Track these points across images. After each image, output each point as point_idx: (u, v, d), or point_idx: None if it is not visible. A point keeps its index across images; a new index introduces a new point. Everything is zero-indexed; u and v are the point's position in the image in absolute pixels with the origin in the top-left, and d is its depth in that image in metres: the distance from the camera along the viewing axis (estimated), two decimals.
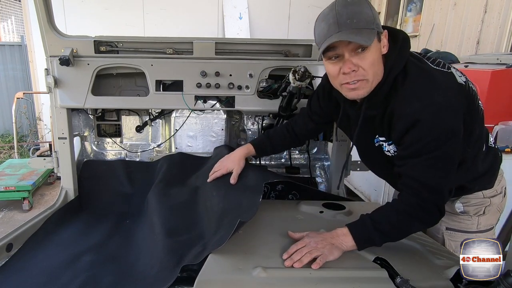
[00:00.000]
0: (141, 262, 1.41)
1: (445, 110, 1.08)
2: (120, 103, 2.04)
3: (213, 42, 1.89)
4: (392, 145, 1.25)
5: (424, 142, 1.10)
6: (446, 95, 1.10)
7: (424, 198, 1.14)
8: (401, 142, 1.17)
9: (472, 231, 1.40)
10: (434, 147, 1.10)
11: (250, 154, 1.69)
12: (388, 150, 1.27)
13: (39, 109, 6.03)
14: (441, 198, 1.15)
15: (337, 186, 1.98)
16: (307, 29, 5.75)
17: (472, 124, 1.20)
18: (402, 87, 1.15)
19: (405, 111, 1.12)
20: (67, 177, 2.02)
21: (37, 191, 4.46)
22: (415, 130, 1.10)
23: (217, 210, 1.48)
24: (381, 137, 1.28)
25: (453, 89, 1.13)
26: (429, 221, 1.20)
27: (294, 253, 1.14)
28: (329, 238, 1.18)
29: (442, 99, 1.09)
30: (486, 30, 3.56)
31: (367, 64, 1.11)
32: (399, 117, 1.14)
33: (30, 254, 1.54)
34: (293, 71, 1.67)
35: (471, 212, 1.39)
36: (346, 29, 1.06)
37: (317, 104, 1.57)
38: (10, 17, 10.32)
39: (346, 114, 1.38)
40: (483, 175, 1.34)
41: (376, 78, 1.16)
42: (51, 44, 1.83)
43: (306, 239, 1.19)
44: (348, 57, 1.11)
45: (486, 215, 1.39)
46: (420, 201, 1.14)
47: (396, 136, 1.18)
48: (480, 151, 1.31)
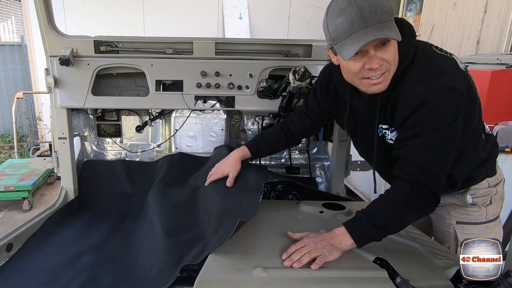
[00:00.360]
0: (141, 262, 1.41)
1: (451, 92, 1.09)
2: (120, 103, 2.04)
3: (213, 42, 1.89)
4: (394, 132, 1.25)
5: (428, 123, 1.10)
6: (451, 79, 1.10)
7: (418, 183, 1.12)
8: (404, 125, 1.16)
9: (482, 221, 1.42)
10: (436, 128, 1.10)
11: (245, 156, 1.67)
12: (390, 138, 1.27)
13: (39, 109, 6.03)
14: (436, 183, 1.14)
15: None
16: (307, 29, 5.81)
17: (471, 111, 1.21)
18: (408, 72, 1.15)
19: (412, 93, 1.12)
20: (67, 177, 2.02)
21: (37, 191, 4.46)
22: (420, 111, 1.10)
23: (217, 210, 1.48)
24: (384, 125, 1.27)
25: (457, 74, 1.14)
26: (425, 208, 1.18)
27: (293, 253, 1.14)
28: (328, 238, 1.17)
29: (448, 82, 1.09)
30: (486, 30, 3.56)
31: (391, 57, 1.11)
32: (406, 100, 1.14)
33: (30, 254, 1.54)
34: (293, 71, 1.67)
35: (479, 203, 1.40)
36: (372, 24, 1.02)
37: (314, 100, 1.56)
38: (10, 17, 10.32)
39: (353, 108, 1.36)
40: (485, 161, 1.36)
41: (394, 69, 1.16)
42: (51, 44, 1.83)
43: (305, 240, 1.19)
44: (374, 53, 1.09)
45: (493, 204, 1.42)
46: (414, 188, 1.13)
47: (400, 120, 1.17)
48: (481, 139, 1.32)
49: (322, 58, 1.92)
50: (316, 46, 1.92)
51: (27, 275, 1.39)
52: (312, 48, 1.93)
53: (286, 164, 2.36)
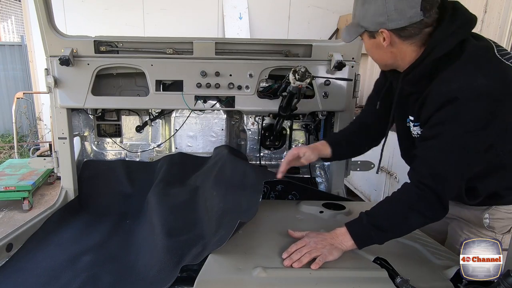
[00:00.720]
0: (141, 262, 1.41)
1: (486, 98, 1.00)
2: (120, 103, 2.04)
3: (213, 42, 1.89)
4: (417, 127, 1.22)
5: (450, 124, 1.04)
6: (492, 85, 1.01)
7: (425, 186, 1.07)
8: (427, 122, 1.11)
9: None
10: (458, 132, 1.04)
11: (323, 152, 1.52)
12: (414, 132, 1.24)
13: (39, 109, 6.04)
14: (444, 189, 1.07)
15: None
16: (307, 29, 5.80)
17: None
18: (448, 67, 1.08)
19: (443, 89, 1.06)
20: (67, 177, 2.02)
21: (37, 191, 4.46)
22: (446, 109, 1.04)
23: (217, 210, 1.48)
24: (411, 116, 1.25)
25: (503, 81, 1.03)
26: (428, 214, 1.10)
27: (294, 252, 1.14)
28: (329, 238, 1.17)
29: (486, 87, 1.00)
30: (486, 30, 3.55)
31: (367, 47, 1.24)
32: (435, 95, 1.08)
33: (30, 254, 1.54)
34: (293, 71, 1.67)
35: (496, 228, 1.29)
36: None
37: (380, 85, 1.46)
38: (10, 17, 10.32)
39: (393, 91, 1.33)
40: None
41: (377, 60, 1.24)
42: (51, 44, 1.83)
43: (306, 239, 1.18)
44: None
45: (510, 233, 1.30)
46: (419, 190, 1.08)
47: (425, 116, 1.12)
48: None
49: (322, 58, 1.92)
50: (316, 46, 1.92)
51: (27, 275, 1.39)
52: (312, 48, 1.93)
53: None
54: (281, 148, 2.36)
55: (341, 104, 1.97)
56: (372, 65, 5.63)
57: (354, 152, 1.66)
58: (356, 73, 1.94)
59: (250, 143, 2.34)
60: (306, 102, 1.94)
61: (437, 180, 1.07)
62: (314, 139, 2.32)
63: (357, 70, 1.95)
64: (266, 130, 2.30)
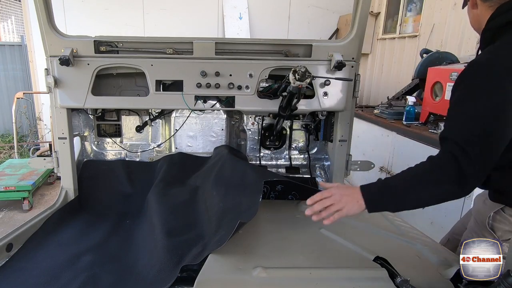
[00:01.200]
0: (141, 262, 1.41)
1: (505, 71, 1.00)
2: (120, 103, 2.04)
3: (213, 42, 1.89)
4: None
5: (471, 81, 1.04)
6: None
7: (448, 153, 1.00)
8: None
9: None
10: (477, 93, 1.01)
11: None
12: None
13: (39, 109, 6.04)
14: (470, 158, 0.97)
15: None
16: (307, 29, 5.80)
17: None
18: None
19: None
20: (67, 177, 2.02)
21: (37, 191, 4.46)
22: (466, 69, 1.06)
23: (217, 210, 1.48)
24: None
25: None
26: (445, 183, 1.00)
27: (317, 203, 1.14)
28: (356, 193, 1.12)
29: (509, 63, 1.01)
30: None
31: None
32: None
33: (30, 254, 1.54)
34: (293, 71, 1.67)
35: (498, 231, 1.24)
36: None
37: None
38: (10, 17, 10.32)
39: None
40: None
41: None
42: (51, 44, 1.83)
43: (333, 190, 1.17)
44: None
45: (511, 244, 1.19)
46: (442, 156, 1.02)
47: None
48: None
49: (322, 58, 1.92)
50: (316, 46, 1.92)
51: (27, 275, 1.39)
52: (312, 48, 1.93)
53: (286, 164, 2.36)
54: (281, 148, 2.36)
55: (341, 104, 1.97)
56: (372, 65, 5.64)
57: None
58: (356, 73, 1.94)
59: (250, 143, 2.35)
60: (306, 102, 1.94)
61: (463, 146, 0.99)
62: (314, 139, 2.32)
63: (357, 70, 1.95)
64: (266, 130, 2.30)
